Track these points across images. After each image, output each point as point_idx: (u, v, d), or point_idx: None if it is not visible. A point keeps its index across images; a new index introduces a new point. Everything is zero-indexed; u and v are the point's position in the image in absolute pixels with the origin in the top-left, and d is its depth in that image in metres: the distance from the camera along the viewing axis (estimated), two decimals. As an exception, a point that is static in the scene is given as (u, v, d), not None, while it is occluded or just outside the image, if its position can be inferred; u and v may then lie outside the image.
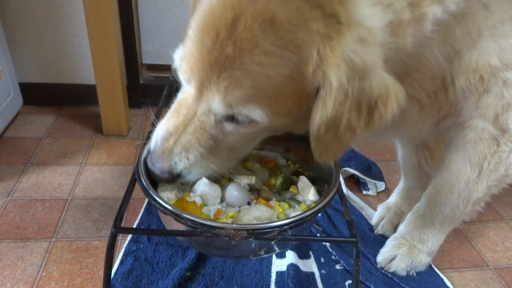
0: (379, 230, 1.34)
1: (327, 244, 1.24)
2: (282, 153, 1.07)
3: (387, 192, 1.54)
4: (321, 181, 0.97)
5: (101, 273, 1.11)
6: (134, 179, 0.88)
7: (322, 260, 1.20)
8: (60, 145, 1.69)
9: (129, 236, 1.23)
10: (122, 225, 0.81)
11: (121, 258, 1.16)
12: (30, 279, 1.11)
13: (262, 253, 0.87)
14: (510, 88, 0.85)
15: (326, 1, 0.68)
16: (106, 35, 1.57)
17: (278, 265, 1.16)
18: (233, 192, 0.89)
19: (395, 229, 1.30)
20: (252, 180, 0.93)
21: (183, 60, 0.76)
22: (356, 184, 1.58)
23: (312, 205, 0.87)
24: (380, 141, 1.42)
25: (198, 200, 0.86)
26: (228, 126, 0.78)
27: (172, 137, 0.79)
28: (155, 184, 0.87)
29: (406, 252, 1.18)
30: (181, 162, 0.81)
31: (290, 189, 0.96)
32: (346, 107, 0.71)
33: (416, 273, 1.20)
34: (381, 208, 1.39)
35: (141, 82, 2.00)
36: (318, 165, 0.99)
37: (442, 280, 1.19)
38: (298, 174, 1.01)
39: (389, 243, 1.23)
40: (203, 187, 0.87)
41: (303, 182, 0.96)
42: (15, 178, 1.48)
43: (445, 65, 0.85)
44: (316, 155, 0.80)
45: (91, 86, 1.76)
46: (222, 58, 0.69)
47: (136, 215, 1.33)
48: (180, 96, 0.82)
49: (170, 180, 0.84)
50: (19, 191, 1.42)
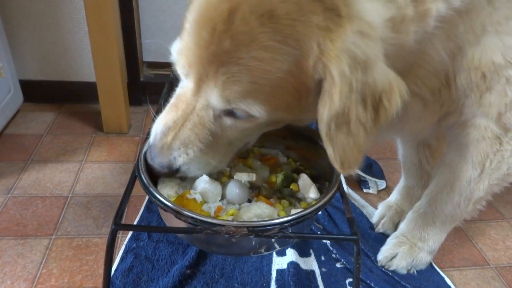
0: (379, 229, 1.33)
1: (328, 242, 1.23)
2: (283, 151, 1.07)
3: (387, 190, 1.54)
4: (321, 179, 0.97)
5: (101, 270, 1.11)
6: (134, 176, 0.87)
7: (323, 258, 1.20)
8: (60, 142, 1.69)
9: (129, 234, 1.23)
10: (122, 223, 0.80)
11: (121, 255, 1.16)
12: (30, 276, 1.11)
13: (263, 250, 0.87)
14: None
15: None
16: (107, 32, 1.57)
17: (279, 263, 1.16)
18: (234, 189, 0.89)
19: (395, 227, 1.30)
20: (253, 178, 0.93)
21: (180, 54, 0.75)
22: (357, 182, 1.58)
23: (313, 203, 0.87)
24: (383, 139, 1.41)
25: (198, 197, 0.86)
26: (227, 121, 0.77)
27: (171, 132, 0.78)
28: (155, 182, 0.87)
29: (406, 251, 1.18)
30: (180, 157, 0.80)
31: (291, 187, 0.95)
32: (352, 100, 0.69)
33: (417, 271, 1.19)
34: (381, 206, 1.38)
35: (141, 79, 2.00)
36: (319, 163, 0.99)
37: (442, 278, 1.19)
38: (298, 171, 1.00)
39: (390, 241, 1.22)
40: (204, 184, 0.86)
41: (304, 180, 0.95)
42: (15, 175, 1.48)
43: (448, 62, 0.84)
44: (338, 165, 0.75)
45: (92, 83, 1.76)
46: (219, 53, 0.68)
47: (136, 212, 1.33)
48: (178, 90, 0.81)
49: (169, 175, 0.84)
50: (19, 188, 1.42)
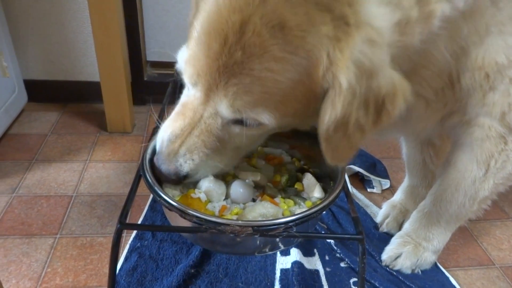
0: (384, 228, 1.33)
1: (332, 241, 1.23)
2: (287, 150, 1.07)
3: (392, 190, 1.54)
4: (326, 178, 0.97)
5: (106, 270, 1.12)
6: (139, 176, 0.88)
7: (327, 257, 1.20)
8: (64, 142, 1.70)
9: (134, 233, 1.23)
10: (127, 222, 0.81)
11: (126, 254, 1.16)
12: (35, 275, 1.11)
13: (267, 250, 0.87)
14: None
15: (335, 4, 0.67)
16: (111, 32, 1.57)
17: (283, 262, 1.16)
18: (238, 188, 0.89)
19: (400, 227, 1.30)
20: (257, 177, 0.93)
21: (188, 63, 0.75)
22: (361, 182, 1.57)
23: (318, 202, 0.87)
24: (385, 138, 1.42)
25: (203, 197, 0.86)
26: (235, 129, 0.78)
27: (178, 140, 0.79)
28: (159, 181, 0.87)
29: (411, 250, 1.18)
30: (186, 163, 0.81)
31: (295, 186, 0.95)
32: (354, 106, 0.70)
33: (422, 271, 1.19)
34: (386, 206, 1.38)
35: (145, 79, 2.00)
36: (323, 162, 0.99)
37: (447, 278, 1.18)
38: (303, 171, 1.00)
39: (394, 241, 1.22)
40: (208, 184, 0.86)
41: (308, 179, 0.95)
42: (20, 174, 1.48)
43: (452, 62, 0.84)
44: (328, 158, 0.79)
45: (96, 83, 1.76)
46: (230, 64, 0.69)
47: (140, 212, 1.33)
48: (184, 98, 0.82)
49: (176, 182, 0.85)
50: (24, 188, 1.42)
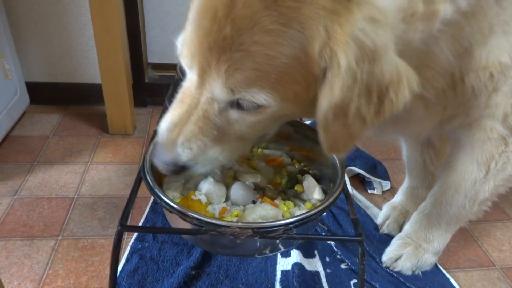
0: (384, 229, 1.33)
1: (332, 243, 1.24)
2: (287, 152, 1.07)
3: (392, 191, 1.54)
4: (326, 180, 0.97)
5: (107, 271, 1.12)
6: (140, 178, 0.88)
7: (327, 259, 1.20)
8: (66, 144, 1.70)
9: (135, 235, 1.23)
10: (128, 224, 0.81)
11: (127, 256, 1.17)
12: (37, 277, 1.11)
13: (267, 252, 0.87)
14: None
15: None
16: (112, 34, 1.58)
17: (283, 264, 1.16)
18: (238, 190, 0.89)
19: (400, 228, 1.30)
20: (257, 179, 0.93)
21: (184, 45, 0.73)
22: (361, 183, 1.58)
23: (318, 204, 0.87)
24: (383, 139, 1.41)
25: (203, 199, 0.86)
26: (234, 114, 0.74)
27: (176, 128, 0.76)
28: (160, 183, 0.88)
29: (411, 252, 1.18)
30: (184, 153, 0.76)
31: (295, 188, 0.96)
32: (354, 92, 0.66)
33: (422, 272, 1.19)
34: (386, 207, 1.38)
35: (146, 81, 2.01)
36: (323, 164, 0.99)
37: (448, 279, 1.18)
38: (303, 172, 1.01)
39: (395, 242, 1.22)
40: (208, 186, 0.87)
41: (308, 181, 0.95)
42: (21, 176, 1.49)
43: (455, 62, 0.82)
44: (326, 148, 0.75)
45: (97, 85, 1.77)
46: (220, 40, 0.65)
47: (141, 214, 1.34)
48: (184, 84, 0.78)
49: (175, 172, 0.80)
50: (25, 190, 1.43)
